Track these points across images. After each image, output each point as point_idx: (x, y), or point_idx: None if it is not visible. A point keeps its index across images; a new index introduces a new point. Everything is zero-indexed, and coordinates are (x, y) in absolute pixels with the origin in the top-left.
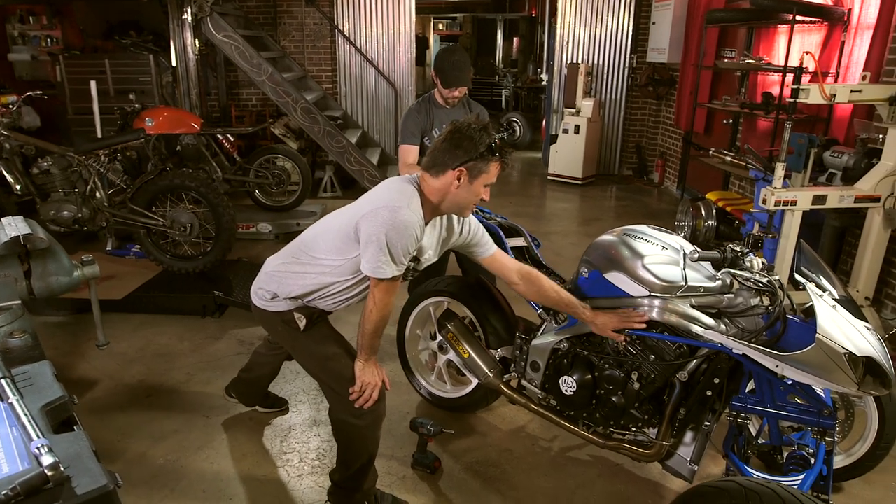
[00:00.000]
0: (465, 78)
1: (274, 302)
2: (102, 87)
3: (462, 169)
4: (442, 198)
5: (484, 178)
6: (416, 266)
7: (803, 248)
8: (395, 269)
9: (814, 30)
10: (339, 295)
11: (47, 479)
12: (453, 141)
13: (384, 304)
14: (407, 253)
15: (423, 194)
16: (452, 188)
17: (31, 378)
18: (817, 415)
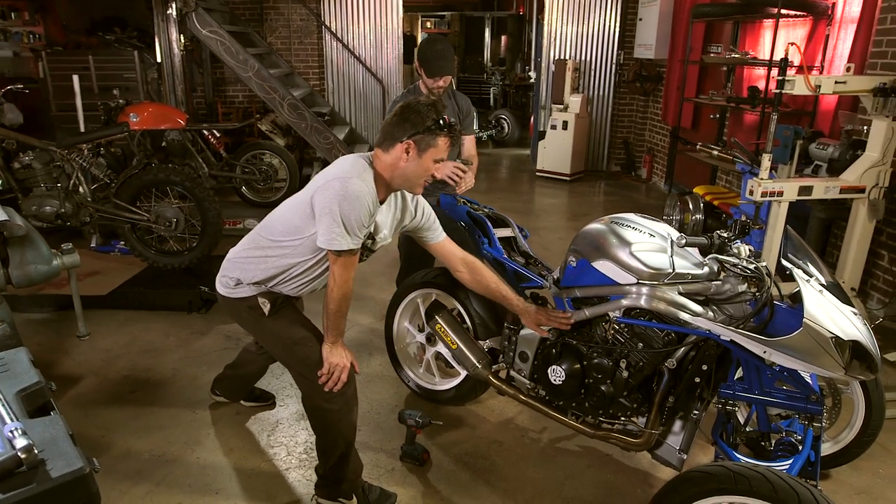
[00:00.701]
0: (449, 67)
1: (238, 288)
2: (86, 84)
3: (410, 142)
4: (393, 172)
5: (433, 153)
6: (372, 245)
7: (790, 234)
8: (350, 241)
9: (798, 24)
10: (301, 277)
11: (21, 462)
12: (402, 115)
13: (343, 281)
14: (361, 225)
15: (376, 170)
16: (402, 162)
17: (7, 364)
18: (805, 400)
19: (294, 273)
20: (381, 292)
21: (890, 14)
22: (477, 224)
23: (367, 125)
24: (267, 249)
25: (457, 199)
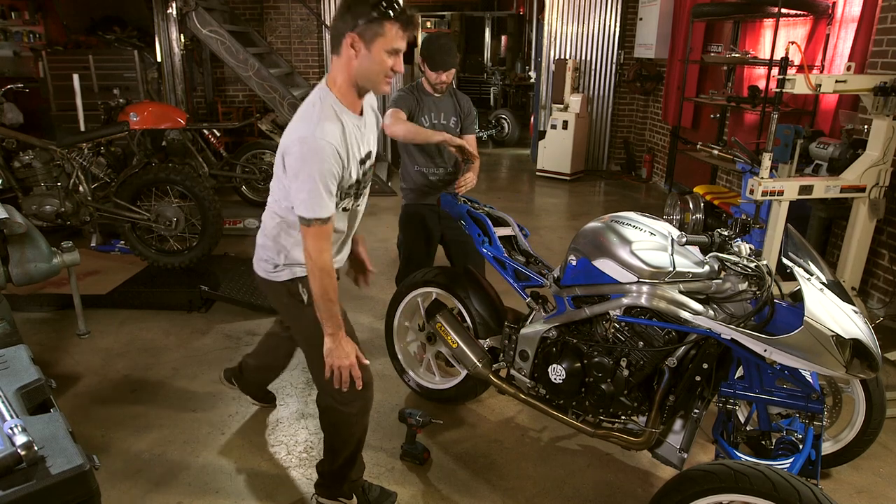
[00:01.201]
0: (453, 61)
1: (278, 271)
2: (86, 84)
3: (353, 35)
4: (348, 76)
5: (382, 43)
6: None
7: (790, 233)
8: (317, 208)
9: (799, 23)
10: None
11: (20, 459)
12: (342, 8)
13: (318, 252)
14: (332, 175)
15: (337, 87)
16: (353, 61)
17: (7, 361)
18: (805, 399)
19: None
20: (381, 292)
21: (890, 13)
22: (477, 223)
23: None
24: (284, 216)
25: (457, 197)
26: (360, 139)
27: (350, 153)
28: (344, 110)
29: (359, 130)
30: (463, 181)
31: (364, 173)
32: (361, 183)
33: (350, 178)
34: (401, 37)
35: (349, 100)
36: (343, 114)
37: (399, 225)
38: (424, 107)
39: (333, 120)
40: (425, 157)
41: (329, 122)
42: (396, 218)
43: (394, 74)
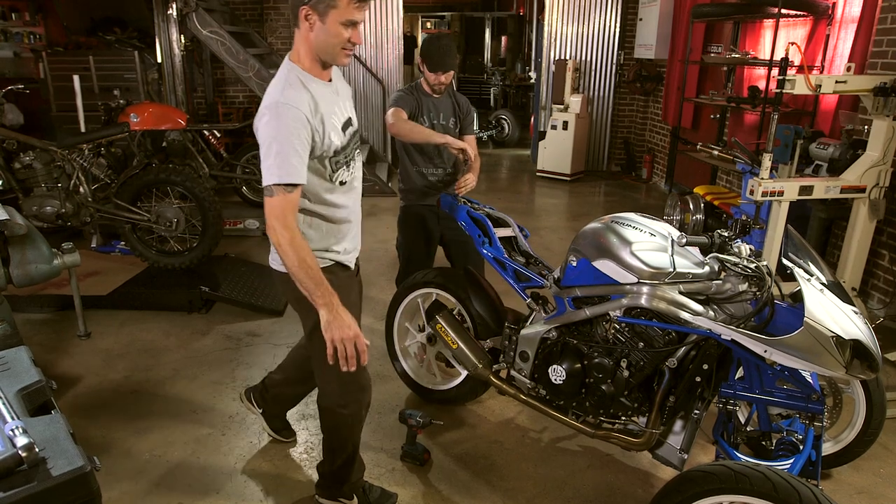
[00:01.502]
0: (452, 63)
1: None
2: (87, 84)
3: (306, 7)
4: (308, 48)
5: (336, 15)
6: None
7: (790, 234)
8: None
9: (799, 24)
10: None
11: (22, 461)
12: None
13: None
14: (301, 141)
15: (299, 61)
16: (310, 34)
17: (8, 363)
18: (805, 400)
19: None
20: (381, 292)
21: (890, 14)
22: (477, 224)
23: (367, 125)
24: None
25: (457, 198)
26: (336, 105)
27: (326, 120)
28: (311, 79)
29: (333, 96)
30: (463, 182)
31: (349, 140)
32: (348, 149)
33: (333, 144)
34: (355, 8)
35: (315, 71)
36: (311, 82)
37: (398, 226)
38: (424, 107)
39: (299, 88)
40: (424, 158)
41: (294, 90)
42: (396, 219)
43: (353, 46)
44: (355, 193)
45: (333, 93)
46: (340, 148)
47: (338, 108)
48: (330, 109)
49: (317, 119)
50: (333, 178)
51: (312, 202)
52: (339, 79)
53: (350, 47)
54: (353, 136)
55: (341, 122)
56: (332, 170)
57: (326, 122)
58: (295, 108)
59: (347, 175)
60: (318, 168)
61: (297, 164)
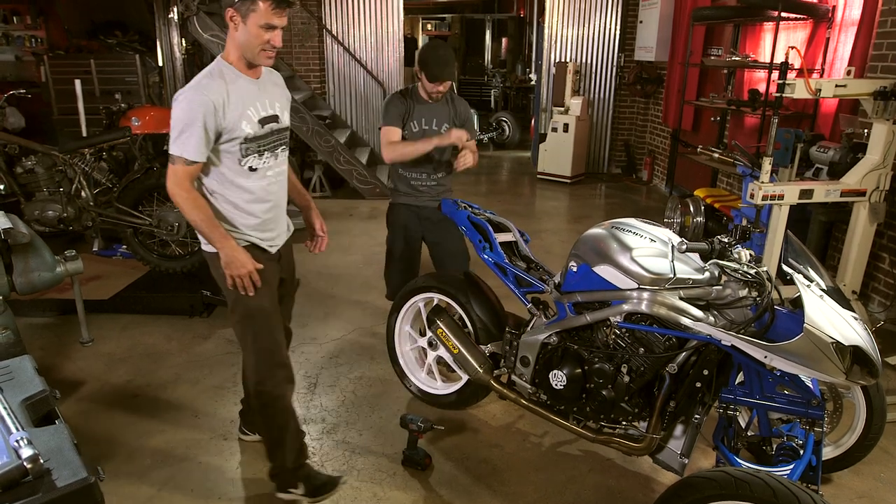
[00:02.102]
0: (450, 72)
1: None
2: (88, 88)
3: (231, 10)
4: (235, 47)
5: (255, 18)
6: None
7: (790, 240)
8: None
9: (799, 27)
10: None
11: (26, 472)
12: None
13: (177, 187)
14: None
15: (228, 58)
16: (235, 34)
17: (12, 372)
18: (806, 405)
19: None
20: (381, 296)
21: (890, 17)
22: (478, 229)
23: (368, 128)
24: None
25: (458, 203)
26: (258, 100)
27: (237, 107)
28: (235, 73)
29: (256, 92)
30: (462, 159)
31: (268, 134)
32: (262, 140)
33: (244, 132)
34: (273, 14)
35: (241, 67)
36: (230, 73)
37: (385, 222)
38: (415, 112)
39: (216, 78)
40: (412, 163)
41: (210, 79)
42: None
43: (273, 49)
44: (270, 183)
45: (258, 89)
46: (253, 136)
47: (260, 103)
48: (248, 102)
49: (229, 106)
50: (242, 162)
51: (220, 182)
52: (274, 82)
53: (269, 49)
54: (273, 132)
55: (260, 116)
56: (241, 154)
57: (240, 109)
58: (202, 92)
59: (258, 163)
60: (228, 150)
61: (197, 143)
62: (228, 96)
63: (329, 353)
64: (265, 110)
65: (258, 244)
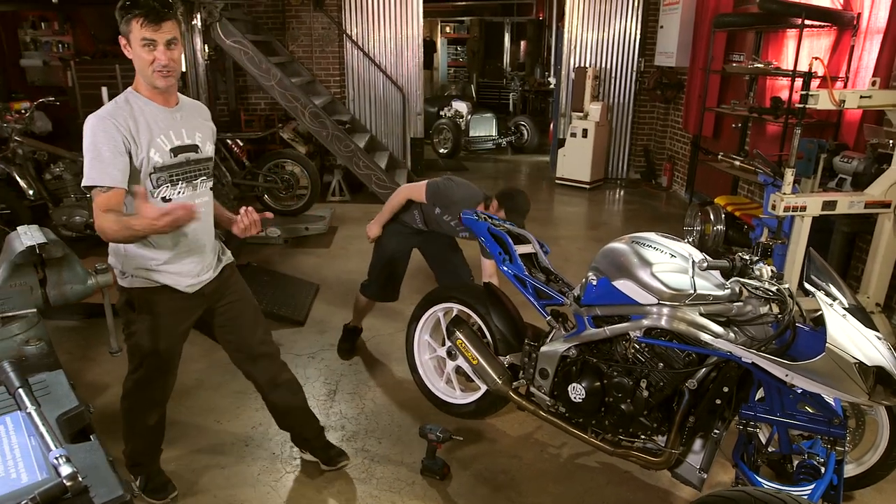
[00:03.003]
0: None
1: (123, 278)
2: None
3: (121, 37)
4: (137, 74)
5: (134, 38)
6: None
7: (813, 257)
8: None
9: (823, 34)
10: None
11: (66, 490)
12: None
13: (102, 221)
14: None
15: (136, 86)
16: (133, 59)
17: (49, 387)
18: (827, 424)
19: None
20: (400, 302)
21: None
22: (497, 240)
23: (387, 132)
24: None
25: (477, 215)
26: (171, 129)
27: (144, 135)
28: (143, 100)
29: (169, 120)
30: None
31: (182, 163)
32: (174, 170)
33: (152, 160)
34: (145, 28)
35: (151, 95)
36: (138, 101)
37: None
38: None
39: (121, 104)
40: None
41: (114, 106)
42: None
43: (164, 67)
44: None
45: (172, 117)
46: (163, 166)
47: (173, 132)
48: (159, 130)
49: (136, 133)
50: (154, 193)
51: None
52: (198, 113)
53: (159, 67)
54: (190, 162)
55: (172, 145)
56: (152, 185)
57: (148, 137)
58: (108, 119)
59: (172, 193)
60: (137, 181)
61: (106, 168)
62: (135, 122)
63: (349, 360)
64: (180, 139)
65: (172, 285)
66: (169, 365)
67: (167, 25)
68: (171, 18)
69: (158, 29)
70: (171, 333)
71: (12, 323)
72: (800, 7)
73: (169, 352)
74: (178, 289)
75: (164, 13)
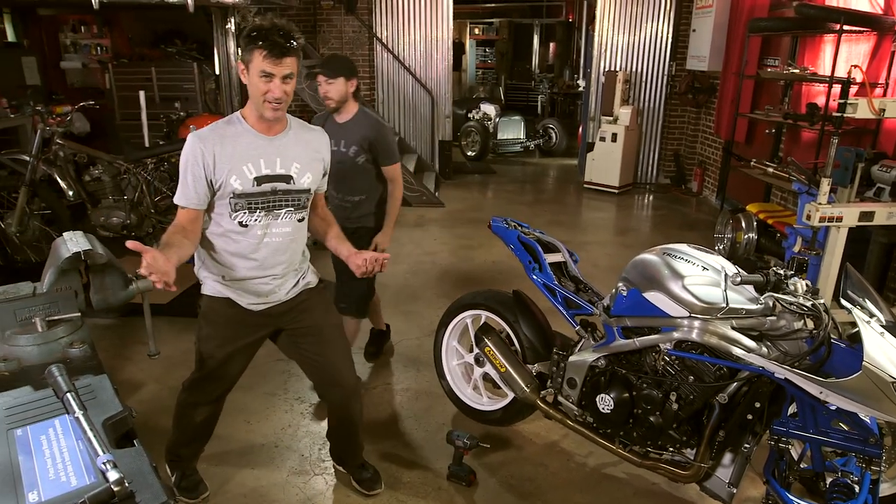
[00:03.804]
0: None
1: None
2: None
3: (240, 62)
4: (250, 100)
5: (253, 68)
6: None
7: (849, 273)
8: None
9: (862, 39)
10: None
11: (114, 494)
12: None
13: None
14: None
15: (244, 111)
16: (248, 86)
17: (94, 391)
18: (863, 442)
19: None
20: (428, 307)
21: None
22: (528, 249)
23: (415, 135)
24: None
25: (508, 222)
26: (262, 156)
27: (229, 160)
28: (244, 126)
29: (263, 149)
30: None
31: (266, 192)
32: (253, 198)
33: (231, 186)
34: (266, 62)
35: (252, 120)
36: (238, 126)
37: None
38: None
39: (218, 127)
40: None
41: (210, 128)
42: (444, 230)
43: (273, 100)
44: (259, 242)
45: (269, 145)
46: (242, 193)
47: (265, 160)
48: (247, 157)
49: (220, 158)
50: (232, 216)
51: (215, 229)
52: (301, 142)
53: (271, 100)
54: (276, 192)
55: (259, 174)
56: (231, 209)
57: (231, 165)
58: (197, 143)
59: (249, 219)
60: (221, 202)
61: (186, 190)
62: (222, 148)
63: (376, 363)
64: (269, 168)
65: (234, 300)
66: (225, 374)
67: (288, 61)
68: (293, 55)
69: (279, 64)
70: (230, 344)
71: (58, 326)
72: (838, 12)
73: (226, 360)
74: (238, 303)
75: (287, 49)
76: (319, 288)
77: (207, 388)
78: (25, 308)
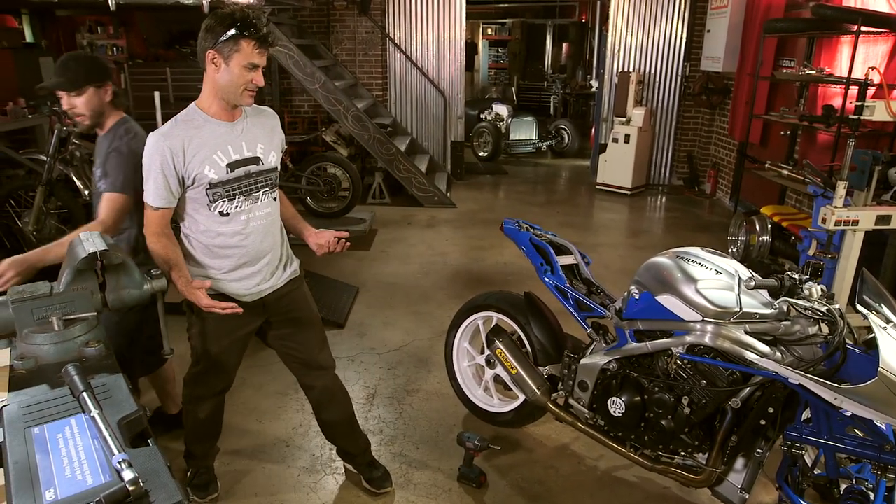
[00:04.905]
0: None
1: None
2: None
3: (213, 51)
4: (212, 88)
5: (239, 58)
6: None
7: (865, 277)
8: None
9: (880, 40)
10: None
11: (129, 494)
12: (204, 28)
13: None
14: (161, 169)
15: (200, 102)
16: (215, 76)
17: (109, 391)
18: (878, 449)
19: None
20: (439, 307)
21: None
22: (539, 251)
23: (428, 136)
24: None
25: (520, 224)
26: (230, 143)
27: (200, 152)
28: (204, 117)
29: (228, 135)
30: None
31: (241, 177)
32: (233, 186)
33: (207, 177)
34: (256, 53)
35: (214, 110)
36: (199, 119)
37: None
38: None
39: (178, 122)
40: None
41: (170, 125)
42: (456, 231)
43: (255, 88)
44: (244, 227)
45: (232, 132)
46: (218, 182)
47: (232, 146)
48: (216, 146)
49: (189, 151)
50: (212, 207)
51: (193, 226)
52: (262, 123)
53: (253, 88)
54: (250, 175)
55: (230, 160)
56: (209, 199)
57: (203, 156)
58: (160, 138)
59: (229, 207)
60: (194, 196)
61: (156, 188)
62: (190, 142)
63: (387, 363)
64: (239, 153)
65: (231, 295)
66: (224, 366)
67: (266, 53)
68: (273, 46)
69: (264, 54)
70: (227, 338)
71: (74, 325)
72: (856, 13)
73: (224, 354)
74: (236, 298)
75: (272, 40)
76: (301, 276)
77: (210, 382)
78: (43, 307)
